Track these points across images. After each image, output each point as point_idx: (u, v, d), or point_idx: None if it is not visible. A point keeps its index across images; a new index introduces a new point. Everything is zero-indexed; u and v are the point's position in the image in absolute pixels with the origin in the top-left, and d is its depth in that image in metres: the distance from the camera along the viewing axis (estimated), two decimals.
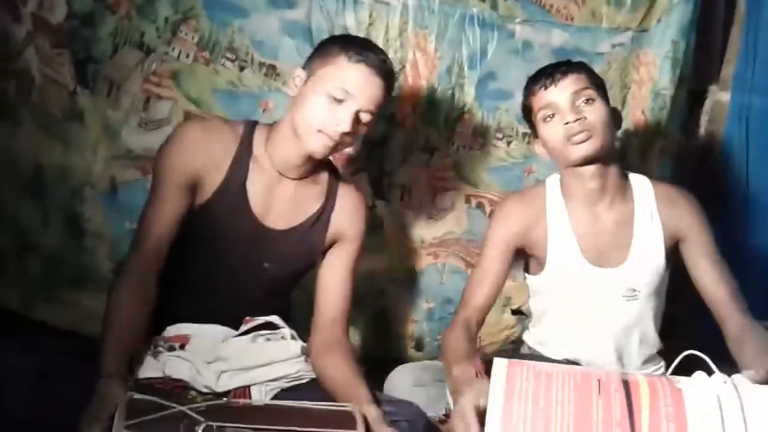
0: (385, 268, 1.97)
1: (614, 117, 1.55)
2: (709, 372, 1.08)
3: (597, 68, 2.08)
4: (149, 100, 1.73)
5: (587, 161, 1.50)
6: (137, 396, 1.08)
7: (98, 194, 1.71)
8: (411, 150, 1.97)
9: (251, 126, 1.46)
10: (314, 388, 1.34)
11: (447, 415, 1.38)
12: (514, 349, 1.87)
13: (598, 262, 1.54)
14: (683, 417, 1.02)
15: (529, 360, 1.50)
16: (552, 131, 1.51)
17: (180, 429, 1.06)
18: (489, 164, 2.02)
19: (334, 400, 1.25)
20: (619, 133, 1.78)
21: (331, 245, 1.49)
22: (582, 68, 1.55)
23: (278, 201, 1.43)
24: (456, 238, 2.03)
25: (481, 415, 1.15)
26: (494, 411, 1.05)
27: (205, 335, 1.36)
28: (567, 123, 1.47)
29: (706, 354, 1.13)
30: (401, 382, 1.52)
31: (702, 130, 2.43)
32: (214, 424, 1.06)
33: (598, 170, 1.52)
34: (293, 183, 1.44)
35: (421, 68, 1.93)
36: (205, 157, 1.38)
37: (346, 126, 1.34)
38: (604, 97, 1.54)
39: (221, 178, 1.39)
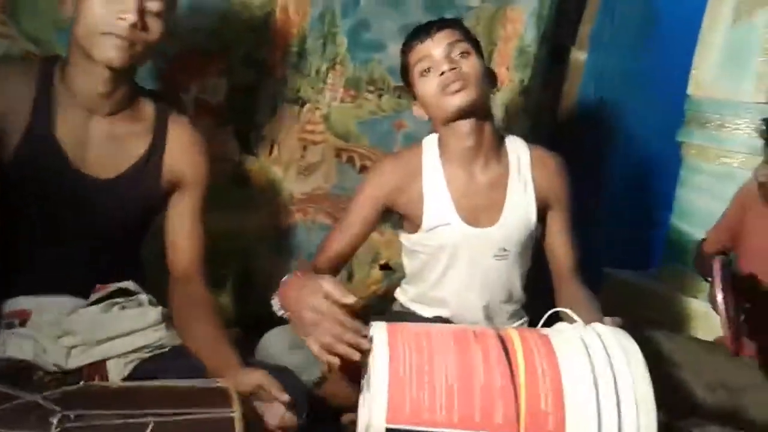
0: (252, 226, 1.88)
1: (489, 75, 1.56)
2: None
3: (466, 23, 2.11)
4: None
5: (462, 113, 1.49)
6: None
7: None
8: (280, 101, 1.87)
9: (51, 62, 1.28)
10: (179, 356, 1.24)
11: (322, 378, 1.35)
12: (384, 307, 1.86)
13: (472, 222, 1.55)
14: (553, 354, 1.11)
15: (401, 317, 1.54)
16: (428, 84, 1.50)
17: (31, 420, 0.94)
18: (360, 118, 1.97)
19: (201, 370, 1.17)
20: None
21: (170, 190, 1.35)
22: (457, 24, 1.56)
23: (95, 144, 1.26)
24: (325, 194, 1.98)
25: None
26: (380, 368, 1.06)
27: (49, 308, 1.21)
28: (442, 73, 1.47)
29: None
30: (275, 345, 1.45)
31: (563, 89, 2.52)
32: (71, 413, 0.95)
33: (474, 126, 1.51)
34: (107, 120, 1.28)
35: (291, 13, 1.82)
36: None
37: (131, 16, 1.18)
38: (480, 54, 1.55)
39: (23, 126, 1.21)
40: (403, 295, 1.70)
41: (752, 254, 1.76)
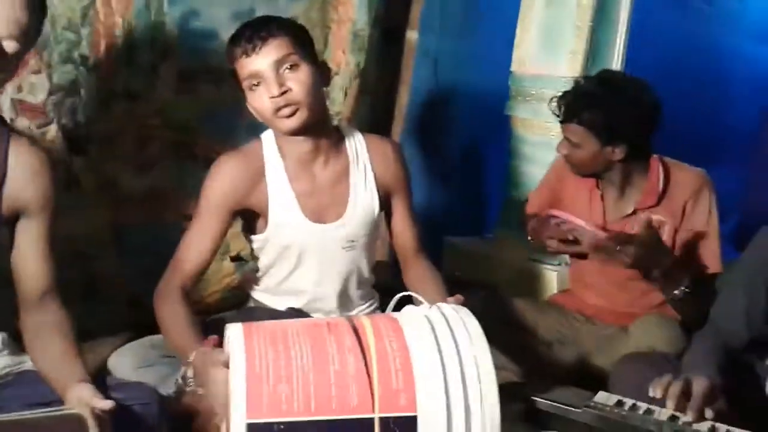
0: (87, 231, 1.78)
1: (322, 74, 1.52)
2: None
3: (300, 7, 2.11)
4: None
5: (297, 133, 1.48)
6: None
7: None
8: (110, 97, 1.78)
9: None
10: (24, 382, 1.19)
11: (180, 391, 1.33)
12: (239, 299, 1.85)
13: (317, 219, 1.56)
14: (402, 335, 1.17)
15: (252, 313, 1.55)
16: (259, 101, 1.45)
17: None
18: (198, 109, 1.92)
19: (49, 395, 1.12)
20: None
21: (13, 219, 1.27)
22: (283, 30, 1.46)
23: None
24: (167, 190, 1.92)
25: None
26: (238, 367, 1.08)
27: None
28: (272, 97, 1.42)
29: None
30: (123, 365, 1.42)
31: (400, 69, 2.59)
32: None
33: (310, 134, 1.51)
34: None
35: (114, 4, 1.72)
36: None
37: None
38: (310, 55, 1.48)
39: None
40: (255, 291, 1.70)
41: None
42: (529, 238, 2.02)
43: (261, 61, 1.42)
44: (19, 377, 1.20)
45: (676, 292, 1.71)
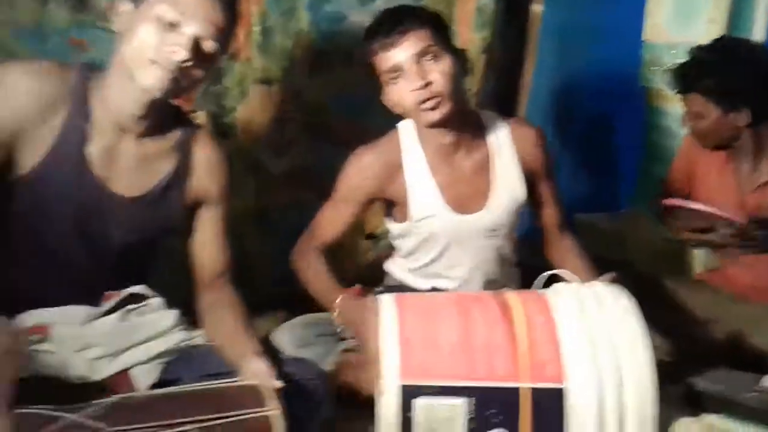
0: (239, 210, 1.88)
1: (462, 63, 1.49)
2: None
3: None
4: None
5: (439, 125, 1.47)
6: (24, 410, 0.94)
7: None
8: (248, 83, 1.86)
9: (86, 72, 1.24)
10: (200, 354, 1.25)
11: (337, 368, 1.39)
12: (373, 275, 1.88)
13: (460, 210, 1.54)
14: (548, 310, 1.18)
15: (398, 291, 1.58)
16: (399, 93, 1.43)
17: None
18: (332, 92, 1.97)
19: (224, 367, 1.20)
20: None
21: (195, 207, 1.36)
22: (422, 20, 1.43)
23: (123, 162, 1.26)
24: (306, 170, 1.98)
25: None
26: (390, 331, 1.13)
27: (64, 320, 1.21)
28: (414, 90, 1.40)
29: None
30: (283, 344, 1.49)
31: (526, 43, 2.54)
32: (117, 429, 0.96)
33: (452, 126, 1.49)
34: (139, 140, 1.27)
35: None
36: (28, 111, 1.17)
37: (182, 53, 1.16)
38: (449, 45, 1.46)
39: (52, 138, 1.19)
40: (396, 269, 1.72)
41: (707, 196, 1.85)
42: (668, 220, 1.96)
43: (402, 54, 1.40)
44: (192, 350, 1.27)
45: None
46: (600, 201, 2.71)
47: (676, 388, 1.28)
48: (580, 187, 2.69)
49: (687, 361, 1.52)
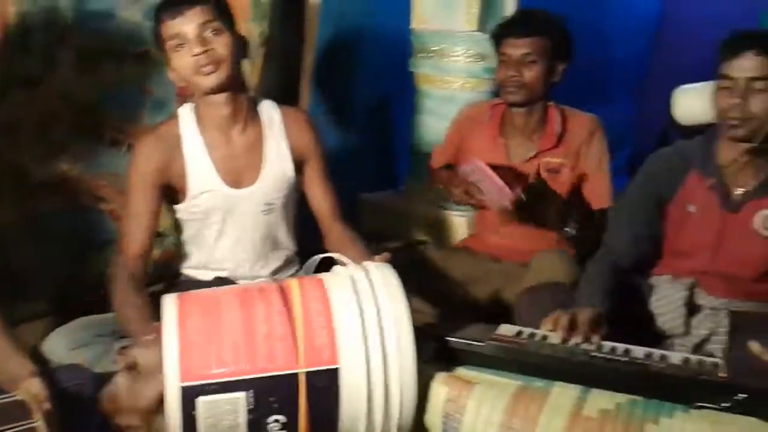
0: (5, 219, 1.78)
1: (242, 46, 1.63)
2: None
3: None
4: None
5: (216, 90, 1.57)
6: None
7: None
8: (9, 85, 1.76)
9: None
10: None
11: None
12: (162, 272, 1.89)
13: (234, 184, 1.65)
14: (326, 295, 1.28)
15: (184, 286, 1.62)
16: (181, 61, 1.55)
17: None
18: (101, 90, 1.92)
19: None
20: None
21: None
22: (206, 0, 1.57)
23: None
24: (78, 174, 1.92)
25: None
26: (170, 335, 1.17)
27: None
28: (195, 55, 1.53)
29: None
30: (58, 347, 1.47)
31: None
32: None
33: (229, 97, 1.60)
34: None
35: None
36: None
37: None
38: (231, 26, 1.60)
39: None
40: (183, 263, 1.76)
41: None
42: (441, 187, 2.16)
43: (186, 23, 1.53)
44: None
45: (567, 229, 1.89)
46: (382, 180, 2.91)
47: (434, 346, 1.40)
48: (364, 169, 2.86)
49: (448, 321, 1.70)
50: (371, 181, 2.85)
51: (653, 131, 2.97)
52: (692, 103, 2.62)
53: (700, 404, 1.22)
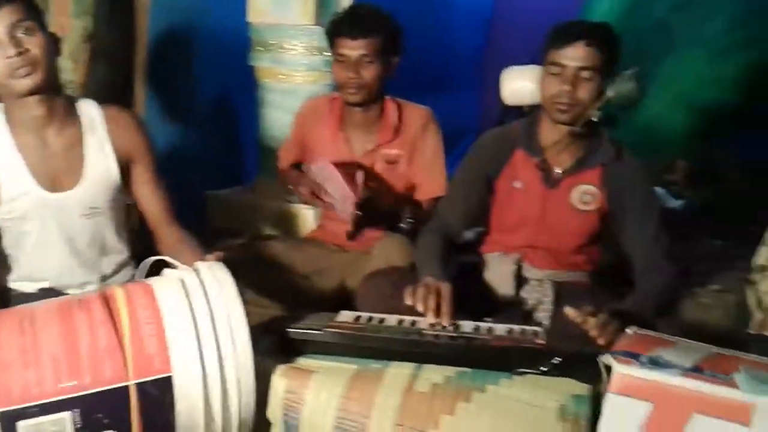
0: None
1: (54, 44, 1.56)
2: None
3: None
4: None
5: (33, 92, 1.51)
6: None
7: None
8: None
9: None
10: None
11: None
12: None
13: (52, 187, 1.57)
14: (155, 301, 1.25)
15: (15, 304, 1.51)
16: None
17: None
18: None
19: None
20: None
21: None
22: None
23: None
24: None
25: None
26: None
27: None
28: (9, 57, 1.46)
29: None
30: None
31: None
32: None
33: (43, 98, 1.53)
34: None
35: None
36: None
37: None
38: (43, 26, 1.54)
39: None
40: (8, 276, 1.65)
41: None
42: (290, 187, 2.17)
43: None
44: None
45: (402, 225, 1.96)
46: (229, 175, 2.87)
47: (275, 339, 1.41)
48: (211, 165, 2.80)
49: (292, 313, 1.71)
50: (220, 178, 2.80)
51: (494, 119, 3.11)
52: (518, 84, 2.78)
53: (522, 370, 1.32)
